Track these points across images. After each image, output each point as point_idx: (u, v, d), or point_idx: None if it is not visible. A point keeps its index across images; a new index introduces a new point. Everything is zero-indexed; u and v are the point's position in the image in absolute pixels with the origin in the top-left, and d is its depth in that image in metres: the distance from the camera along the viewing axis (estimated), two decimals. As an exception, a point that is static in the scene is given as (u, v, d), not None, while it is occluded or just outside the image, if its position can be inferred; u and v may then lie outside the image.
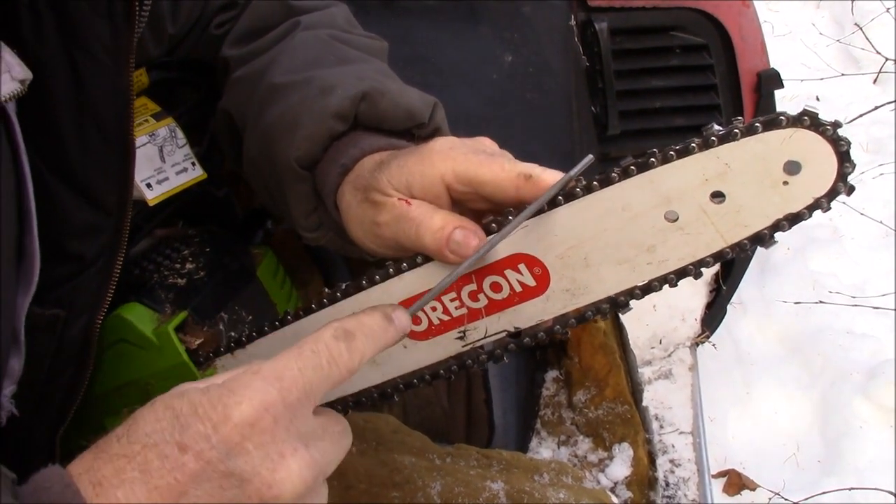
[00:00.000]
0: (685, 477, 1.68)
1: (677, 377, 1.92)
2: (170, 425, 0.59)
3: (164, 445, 0.58)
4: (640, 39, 1.84)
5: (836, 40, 3.98)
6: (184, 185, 1.11)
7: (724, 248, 0.75)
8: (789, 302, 2.75)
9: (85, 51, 0.86)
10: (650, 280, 0.78)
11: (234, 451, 0.59)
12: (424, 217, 0.80)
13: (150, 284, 1.10)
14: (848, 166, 0.70)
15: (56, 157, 0.88)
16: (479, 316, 0.84)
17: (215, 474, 0.59)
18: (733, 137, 0.71)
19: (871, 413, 2.46)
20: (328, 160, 0.93)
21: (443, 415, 1.44)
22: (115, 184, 0.93)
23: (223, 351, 1.03)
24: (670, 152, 0.73)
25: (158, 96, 1.12)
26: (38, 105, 0.82)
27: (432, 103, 0.97)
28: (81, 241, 0.93)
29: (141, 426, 0.60)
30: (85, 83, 0.87)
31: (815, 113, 0.69)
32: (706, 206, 0.74)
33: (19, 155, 0.84)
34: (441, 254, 0.80)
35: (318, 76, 0.99)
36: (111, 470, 0.58)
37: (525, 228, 0.79)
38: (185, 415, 0.59)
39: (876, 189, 3.09)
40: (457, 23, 1.72)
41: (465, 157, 0.80)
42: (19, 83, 0.78)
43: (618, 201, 0.76)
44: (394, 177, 0.83)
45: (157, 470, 0.58)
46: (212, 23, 1.14)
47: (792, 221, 0.73)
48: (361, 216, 0.87)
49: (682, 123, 1.86)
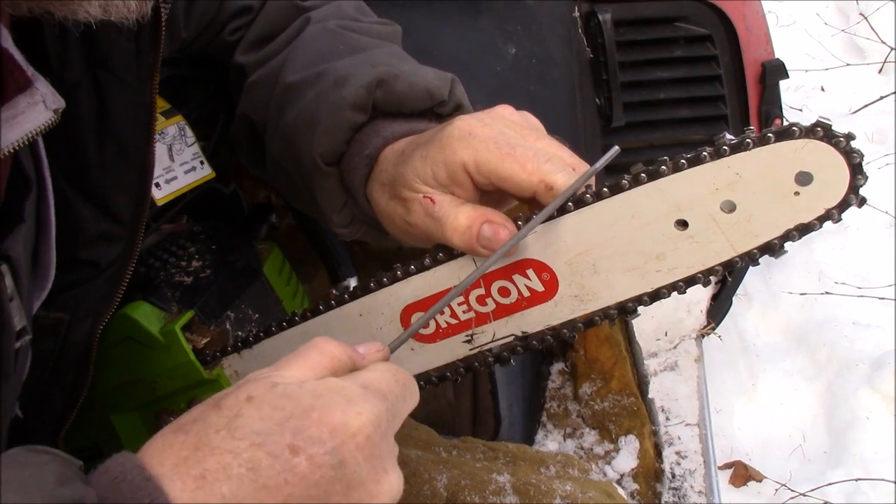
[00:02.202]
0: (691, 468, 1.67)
1: (683, 369, 1.92)
2: (279, 426, 0.59)
3: (273, 445, 0.58)
4: (644, 30, 1.83)
5: (840, 30, 3.96)
6: (192, 184, 1.11)
7: (733, 257, 0.75)
8: (795, 293, 2.74)
9: (109, 71, 0.87)
10: (659, 287, 0.79)
11: (346, 460, 0.60)
12: (449, 217, 0.80)
13: (156, 282, 1.10)
14: (860, 178, 0.70)
15: (76, 171, 0.89)
16: (486, 320, 0.84)
17: (324, 480, 0.59)
18: (745, 147, 0.71)
19: (877, 404, 2.45)
20: (352, 153, 0.92)
21: (449, 408, 1.44)
22: (131, 197, 0.94)
23: (230, 350, 1.03)
24: (681, 161, 0.73)
25: (167, 92, 1.12)
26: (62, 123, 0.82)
27: (450, 79, 0.96)
28: (95, 250, 0.94)
29: (247, 422, 0.59)
30: (108, 102, 0.88)
31: (828, 125, 0.69)
32: (716, 215, 0.74)
33: (42, 169, 0.85)
34: (473, 251, 0.80)
35: (330, 69, 0.98)
36: (216, 464, 0.58)
37: (534, 234, 0.79)
38: (297, 417, 0.60)
39: (881, 179, 3.08)
40: (459, 15, 1.72)
41: (487, 148, 0.79)
42: (53, 112, 0.78)
43: (628, 209, 0.76)
44: (418, 169, 0.82)
45: (267, 469, 0.58)
46: (226, 28, 1.13)
47: (802, 232, 0.73)
48: (391, 213, 0.87)
49: (686, 115, 1.86)
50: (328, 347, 0.67)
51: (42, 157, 0.85)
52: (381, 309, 0.88)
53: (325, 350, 0.66)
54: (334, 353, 0.66)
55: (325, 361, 0.66)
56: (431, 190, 0.82)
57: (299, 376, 0.64)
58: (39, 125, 0.77)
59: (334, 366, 0.66)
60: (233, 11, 1.13)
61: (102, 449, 1.15)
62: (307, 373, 0.64)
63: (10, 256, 0.82)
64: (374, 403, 0.62)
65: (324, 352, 0.66)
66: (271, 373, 0.64)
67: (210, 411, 0.61)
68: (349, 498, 0.60)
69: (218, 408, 0.61)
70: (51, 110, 0.78)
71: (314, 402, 0.60)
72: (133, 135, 0.92)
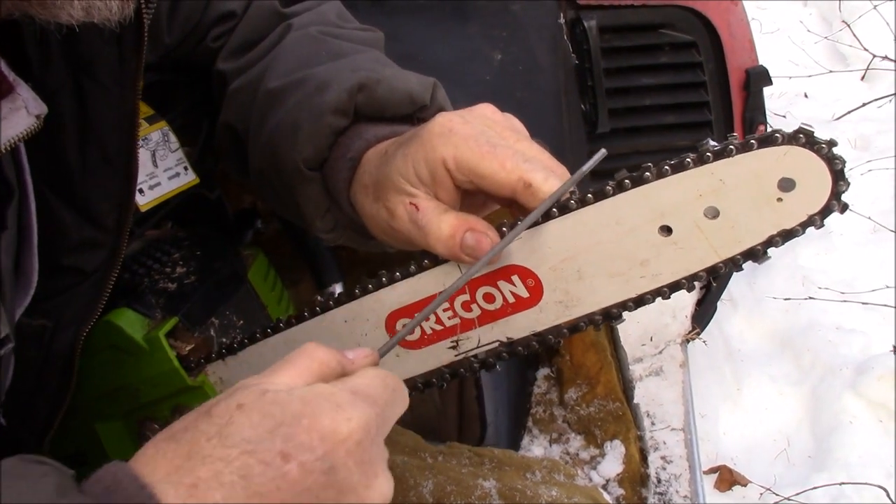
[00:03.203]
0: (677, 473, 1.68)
1: (668, 374, 1.92)
2: (270, 433, 0.59)
3: (265, 453, 0.59)
4: (629, 37, 1.84)
5: (823, 37, 3.99)
6: (176, 190, 1.11)
7: (717, 263, 0.76)
8: (779, 298, 2.76)
9: (92, 77, 0.87)
10: (643, 293, 0.79)
11: (337, 466, 0.60)
12: (433, 225, 0.80)
13: (140, 289, 1.09)
14: (842, 184, 0.70)
15: (58, 177, 0.89)
16: (471, 326, 0.84)
17: (316, 485, 0.59)
18: (728, 154, 0.72)
19: (861, 408, 2.47)
20: (335, 157, 0.92)
21: (435, 413, 1.44)
22: (115, 203, 0.94)
23: (214, 357, 1.02)
24: (665, 167, 0.73)
25: (152, 98, 1.11)
26: (44, 129, 0.81)
27: (431, 84, 0.95)
28: (78, 256, 0.93)
29: (238, 430, 0.59)
30: (91, 108, 0.88)
31: (810, 131, 0.70)
32: (700, 222, 0.74)
33: (24, 175, 0.85)
34: (457, 259, 0.80)
35: (311, 75, 0.98)
36: (208, 472, 0.58)
37: (519, 240, 0.79)
38: (287, 424, 0.60)
39: (864, 185, 3.10)
40: (446, 21, 1.72)
41: (467, 145, 0.79)
42: (35, 118, 0.78)
43: (612, 215, 0.76)
44: (401, 168, 0.82)
45: (259, 476, 0.58)
46: (209, 34, 1.12)
47: (785, 237, 0.73)
48: (375, 216, 0.86)
49: (671, 121, 1.87)
50: (317, 353, 0.67)
51: (24, 164, 0.84)
52: (366, 315, 0.88)
53: (314, 356, 0.66)
54: (323, 359, 0.66)
55: (315, 367, 0.66)
56: (415, 191, 0.81)
57: (289, 382, 0.64)
58: (21, 131, 0.76)
59: (324, 371, 0.66)
60: (216, 17, 1.12)
61: (87, 457, 1.14)
62: (297, 379, 0.64)
63: None
64: (364, 409, 0.62)
65: (313, 357, 0.66)
66: (261, 380, 0.64)
67: (201, 419, 0.61)
68: (341, 502, 0.61)
69: (209, 416, 0.61)
70: (33, 116, 0.77)
71: (303, 409, 0.60)
72: (116, 140, 0.91)
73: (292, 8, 1.12)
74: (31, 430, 1.01)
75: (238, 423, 0.60)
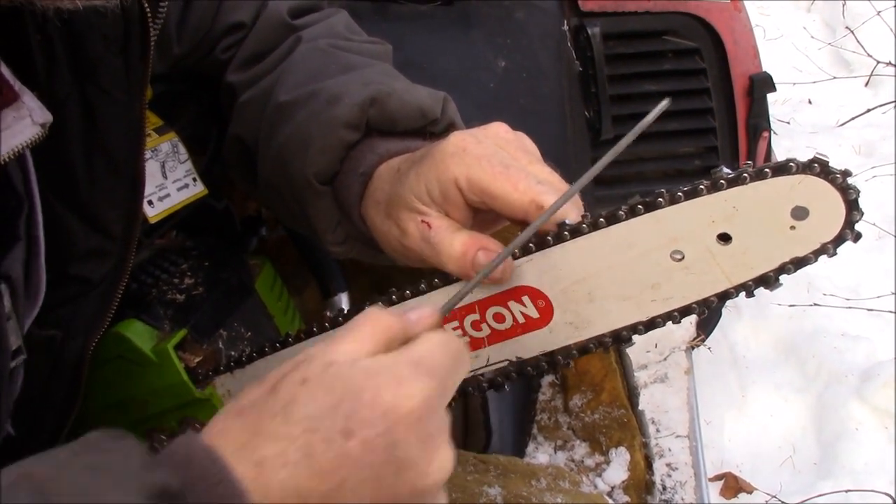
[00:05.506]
0: (682, 480, 1.67)
1: (673, 381, 1.92)
2: (332, 409, 0.59)
3: (327, 430, 0.58)
4: (633, 44, 1.85)
5: (827, 43, 3.99)
6: (185, 201, 1.10)
7: (728, 289, 0.76)
8: (784, 305, 2.75)
9: (98, 87, 0.87)
10: (654, 316, 0.79)
11: (399, 442, 0.59)
12: (445, 243, 0.80)
13: (148, 300, 1.09)
14: (856, 214, 0.71)
15: (65, 186, 0.89)
16: (481, 345, 0.84)
17: (377, 462, 0.59)
18: (742, 181, 0.72)
19: (867, 415, 2.46)
20: (346, 171, 0.92)
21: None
22: (122, 213, 0.94)
23: (222, 370, 1.02)
24: (678, 193, 0.74)
25: (161, 108, 1.11)
26: (50, 138, 0.81)
27: (442, 98, 0.96)
28: (86, 266, 0.93)
29: (301, 408, 0.59)
30: (97, 118, 0.88)
31: (825, 161, 0.70)
32: (712, 247, 0.74)
33: (31, 184, 0.85)
34: (468, 278, 0.80)
35: (322, 88, 0.97)
36: (274, 451, 0.58)
37: (530, 262, 0.79)
38: (349, 399, 0.59)
39: (868, 192, 3.10)
40: (450, 29, 1.73)
41: (480, 165, 0.79)
42: (40, 127, 0.78)
43: (624, 239, 0.76)
44: (414, 187, 0.82)
45: (322, 454, 0.58)
46: (218, 45, 1.12)
47: (797, 265, 0.74)
48: (387, 233, 0.86)
49: (674, 127, 1.87)
50: (381, 319, 0.66)
51: (31, 173, 0.85)
52: None
53: (378, 322, 0.65)
54: (386, 325, 0.65)
55: (378, 334, 0.65)
56: (428, 209, 0.82)
57: (353, 351, 0.63)
58: (27, 140, 0.76)
59: (388, 337, 0.65)
60: (225, 27, 1.12)
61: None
62: (360, 347, 0.64)
63: (9, 276, 0.81)
64: (425, 382, 0.62)
65: (377, 324, 0.65)
66: (326, 348, 0.63)
67: (267, 395, 0.61)
68: (401, 479, 0.60)
69: (275, 392, 0.61)
70: (38, 125, 0.77)
71: (365, 384, 0.60)
72: (123, 150, 0.91)
73: (301, 20, 1.12)
74: (39, 440, 1.01)
75: (301, 401, 0.59)
